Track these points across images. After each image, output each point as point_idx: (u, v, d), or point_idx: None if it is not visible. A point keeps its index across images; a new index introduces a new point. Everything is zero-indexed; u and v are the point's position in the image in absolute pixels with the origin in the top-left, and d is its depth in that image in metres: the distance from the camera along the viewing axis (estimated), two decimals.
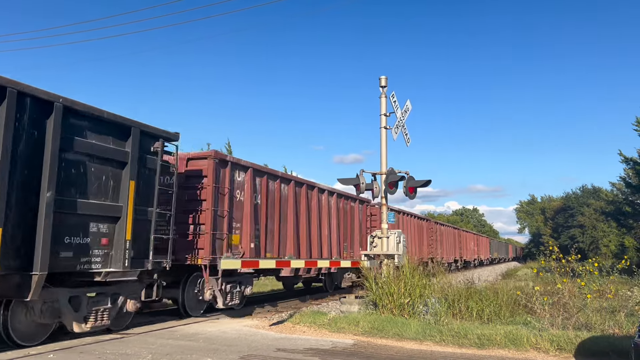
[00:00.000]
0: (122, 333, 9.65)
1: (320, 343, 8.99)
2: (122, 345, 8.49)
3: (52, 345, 8.26)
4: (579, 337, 8.44)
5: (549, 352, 8.19)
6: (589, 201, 74.16)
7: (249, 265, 12.00)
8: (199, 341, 8.96)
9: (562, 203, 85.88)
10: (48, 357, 7.49)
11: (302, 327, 10.57)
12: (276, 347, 8.52)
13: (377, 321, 10.21)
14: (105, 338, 9.07)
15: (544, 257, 13.23)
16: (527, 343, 8.47)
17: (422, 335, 9.32)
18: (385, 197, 13.52)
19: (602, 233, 65.97)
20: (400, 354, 8.20)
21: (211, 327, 10.51)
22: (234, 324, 11.01)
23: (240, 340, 9.11)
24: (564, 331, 8.99)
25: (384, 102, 13.80)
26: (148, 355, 7.64)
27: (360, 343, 9.07)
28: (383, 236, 13.36)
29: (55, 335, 8.77)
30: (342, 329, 10.18)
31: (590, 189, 79.09)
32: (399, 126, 13.83)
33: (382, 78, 13.87)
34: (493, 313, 10.56)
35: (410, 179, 13.25)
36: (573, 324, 9.63)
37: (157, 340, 9.01)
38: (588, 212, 71.26)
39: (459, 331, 9.19)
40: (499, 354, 8.23)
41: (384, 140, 13.63)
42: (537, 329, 9.25)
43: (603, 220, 64.92)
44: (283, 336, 9.64)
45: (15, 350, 7.82)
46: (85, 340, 8.80)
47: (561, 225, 79.72)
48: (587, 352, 7.95)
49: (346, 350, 8.37)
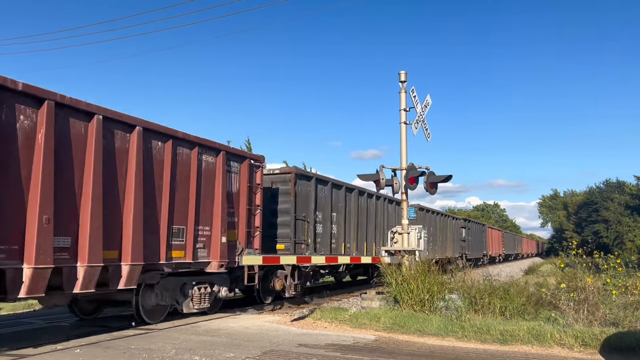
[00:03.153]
0: (145, 329, 9.79)
1: (341, 339, 9.01)
2: (147, 340, 8.61)
3: (78, 341, 8.42)
4: (604, 333, 8.31)
5: (573, 348, 8.08)
6: (612, 195, 72.88)
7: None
8: (222, 336, 9.05)
9: (586, 198, 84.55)
10: (74, 352, 7.63)
11: (324, 323, 10.60)
12: (298, 342, 8.56)
13: (398, 317, 10.19)
14: (129, 333, 9.22)
15: (565, 253, 13.06)
16: (551, 339, 8.37)
17: (444, 331, 9.28)
18: (405, 193, 13.46)
19: (627, 228, 64.82)
20: (422, 349, 8.17)
21: (233, 323, 10.59)
22: (256, 320, 11.09)
23: (262, 335, 9.18)
24: (589, 327, 8.87)
25: (403, 97, 13.71)
26: (172, 350, 7.74)
27: (381, 339, 9.06)
28: (404, 232, 13.31)
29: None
30: (363, 324, 10.18)
31: (614, 183, 77.68)
32: (419, 121, 13.74)
33: (402, 73, 13.79)
34: (515, 309, 10.45)
35: (430, 174, 13.17)
36: (598, 321, 9.49)
37: (180, 335, 9.12)
38: (612, 207, 70.02)
39: (481, 327, 9.12)
40: (523, 350, 8.16)
41: (404, 135, 13.56)
42: (560, 325, 9.14)
43: (628, 215, 63.78)
44: (304, 332, 9.67)
45: (41, 347, 7.99)
46: (111, 335, 8.95)
47: (584, 220, 78.51)
48: (612, 348, 7.83)
49: (368, 346, 8.37)
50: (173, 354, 7.50)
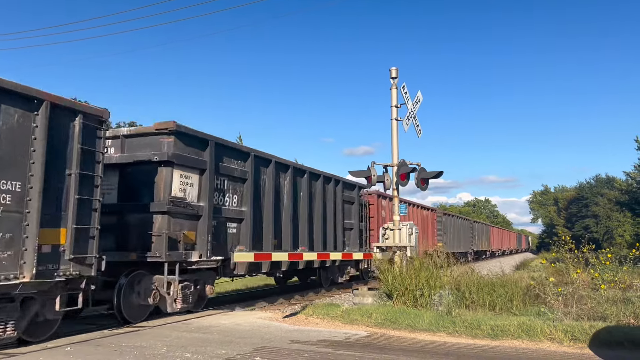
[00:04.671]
0: (137, 326, 9.76)
1: (333, 335, 9.03)
2: (138, 337, 8.59)
3: (69, 339, 8.38)
4: (593, 328, 8.38)
5: (563, 342, 8.15)
6: (602, 191, 73.42)
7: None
8: (213, 333, 9.04)
9: (576, 193, 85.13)
10: (65, 349, 7.60)
11: (315, 319, 10.61)
12: (290, 338, 8.57)
13: (390, 313, 10.22)
14: (120, 331, 9.19)
15: (556, 248, 13.15)
16: (541, 334, 8.43)
17: (435, 327, 9.31)
18: (397, 189, 13.49)
19: (617, 223, 65.33)
20: (414, 345, 8.20)
21: (225, 320, 10.59)
22: (248, 317, 11.09)
23: (254, 332, 9.18)
24: (578, 322, 8.93)
25: (394, 93, 13.73)
26: (163, 348, 7.72)
27: (373, 334, 9.09)
28: (395, 228, 13.35)
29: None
30: (355, 320, 10.20)
31: (604, 179, 78.32)
32: (410, 117, 13.77)
33: (393, 69, 13.80)
34: (505, 305, 10.51)
35: (422, 170, 13.20)
36: (587, 315, 9.56)
37: (172, 332, 9.11)
38: (602, 202, 70.53)
39: (472, 322, 9.17)
40: (513, 344, 8.21)
41: (395, 131, 13.58)
42: (550, 319, 9.20)
43: (618, 210, 64.29)
44: (296, 328, 9.69)
45: (32, 345, 7.94)
46: (102, 333, 8.92)
47: (575, 216, 79.07)
48: (601, 343, 7.90)
49: (359, 342, 8.40)
50: (164, 351, 7.49)
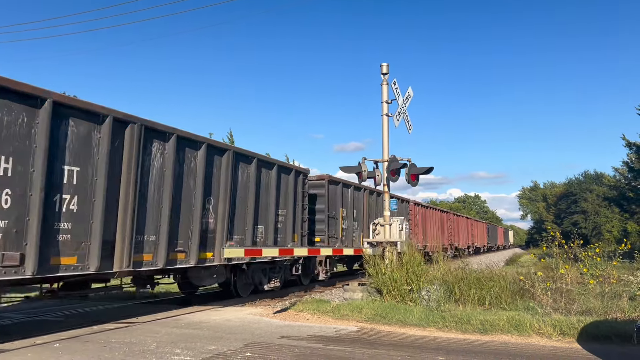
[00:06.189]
0: (126, 322, 9.71)
1: (323, 330, 9.04)
2: (127, 333, 8.54)
3: (58, 335, 8.32)
4: (581, 322, 8.46)
5: (551, 337, 8.22)
6: (591, 187, 73.95)
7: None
8: (204, 329, 9.01)
9: (565, 189, 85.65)
10: (54, 346, 7.54)
11: (306, 315, 10.62)
12: (280, 334, 8.57)
13: (380, 308, 10.25)
14: (110, 327, 9.14)
15: (546, 243, 13.24)
16: (530, 328, 8.50)
17: (425, 322, 9.36)
18: (387, 185, 13.51)
19: (605, 219, 65.84)
20: (404, 340, 8.23)
21: (215, 316, 10.57)
22: (238, 313, 11.07)
23: (244, 328, 9.17)
24: (567, 316, 9.01)
25: (385, 89, 13.73)
26: (153, 344, 7.69)
27: (363, 330, 9.11)
28: (385, 224, 13.37)
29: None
30: (345, 316, 10.23)
31: (592, 175, 78.86)
32: (401, 113, 13.78)
33: (384, 65, 13.80)
34: (494, 299, 10.58)
35: (412, 166, 13.23)
36: (575, 309, 9.65)
37: (162, 328, 9.07)
38: (591, 198, 71.06)
39: (461, 317, 9.22)
40: (502, 339, 8.26)
41: (386, 127, 13.59)
42: (539, 314, 9.27)
43: (606, 206, 64.78)
44: (287, 324, 9.69)
45: (20, 341, 7.88)
46: (91, 329, 8.87)
47: (564, 212, 79.58)
48: (589, 337, 7.97)
49: (350, 337, 8.41)
50: (154, 348, 7.45)
